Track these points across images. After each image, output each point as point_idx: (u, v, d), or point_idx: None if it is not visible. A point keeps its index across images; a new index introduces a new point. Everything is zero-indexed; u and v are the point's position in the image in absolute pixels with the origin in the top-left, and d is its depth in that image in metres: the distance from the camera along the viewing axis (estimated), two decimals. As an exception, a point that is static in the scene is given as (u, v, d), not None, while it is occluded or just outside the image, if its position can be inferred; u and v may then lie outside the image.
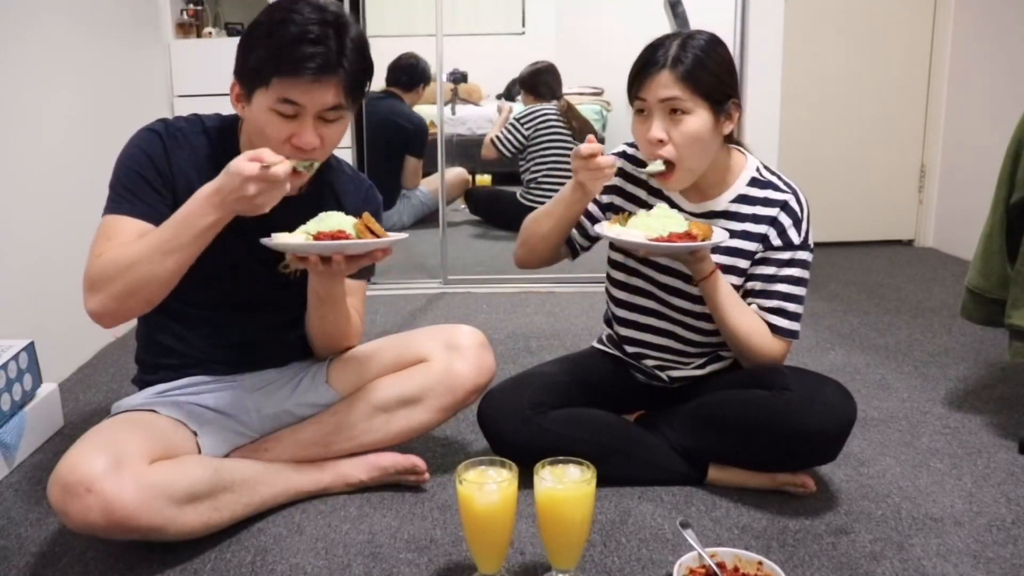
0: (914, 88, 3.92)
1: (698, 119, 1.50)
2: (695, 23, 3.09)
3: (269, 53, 1.37)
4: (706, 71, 1.49)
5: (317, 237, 1.36)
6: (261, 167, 1.28)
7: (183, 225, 1.35)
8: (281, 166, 1.29)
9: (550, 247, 1.72)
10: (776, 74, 3.03)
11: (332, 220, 1.40)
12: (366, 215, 1.43)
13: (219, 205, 1.32)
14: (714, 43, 1.53)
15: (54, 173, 2.32)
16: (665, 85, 1.49)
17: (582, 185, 1.57)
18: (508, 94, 4.90)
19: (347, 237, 1.37)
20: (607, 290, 1.78)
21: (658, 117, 1.52)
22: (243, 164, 1.28)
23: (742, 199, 1.62)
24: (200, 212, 1.33)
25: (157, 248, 1.35)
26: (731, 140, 1.63)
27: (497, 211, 4.29)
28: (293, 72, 1.35)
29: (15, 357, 1.87)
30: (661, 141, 1.52)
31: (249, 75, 1.40)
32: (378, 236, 1.40)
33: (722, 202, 1.62)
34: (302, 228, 1.39)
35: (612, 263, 1.74)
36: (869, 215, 4.05)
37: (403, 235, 1.44)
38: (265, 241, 1.38)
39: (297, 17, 1.37)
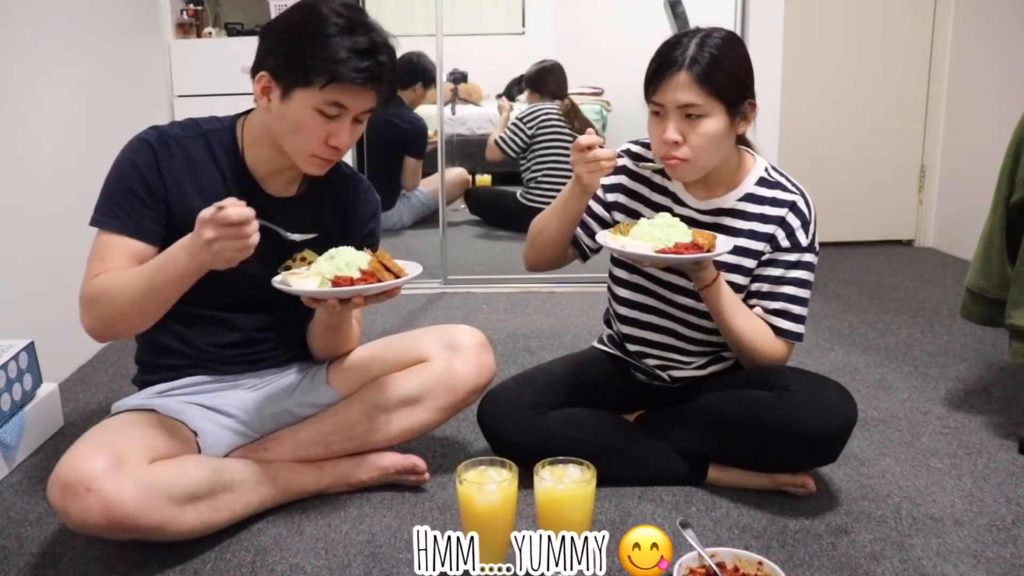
0: (914, 88, 3.91)
1: (714, 121, 1.50)
2: (695, 23, 3.09)
3: (325, 58, 1.39)
4: (723, 72, 1.48)
5: (336, 282, 1.37)
6: (216, 209, 1.27)
7: (159, 268, 1.38)
8: (235, 210, 1.27)
9: (556, 247, 1.71)
10: (776, 74, 3.03)
11: (344, 257, 1.40)
12: (381, 251, 1.46)
13: (189, 253, 1.33)
14: (732, 42, 1.52)
15: (54, 173, 2.32)
16: (682, 88, 1.48)
17: (580, 179, 1.56)
18: (508, 94, 4.89)
19: (367, 278, 1.38)
20: (609, 287, 1.78)
21: (674, 119, 1.50)
22: (203, 211, 1.28)
23: (750, 198, 1.62)
24: (175, 258, 1.36)
25: (138, 285, 1.39)
26: (741, 141, 1.63)
27: (497, 211, 4.29)
28: (349, 80, 1.40)
29: (15, 357, 1.87)
30: (676, 143, 1.51)
31: (294, 74, 1.42)
32: (393, 271, 1.42)
33: (730, 200, 1.62)
34: (315, 268, 1.40)
35: (615, 260, 1.74)
36: (869, 215, 4.05)
37: (418, 268, 1.47)
38: (281, 287, 1.40)
39: (341, 21, 1.41)
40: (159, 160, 1.48)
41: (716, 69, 1.48)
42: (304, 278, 1.40)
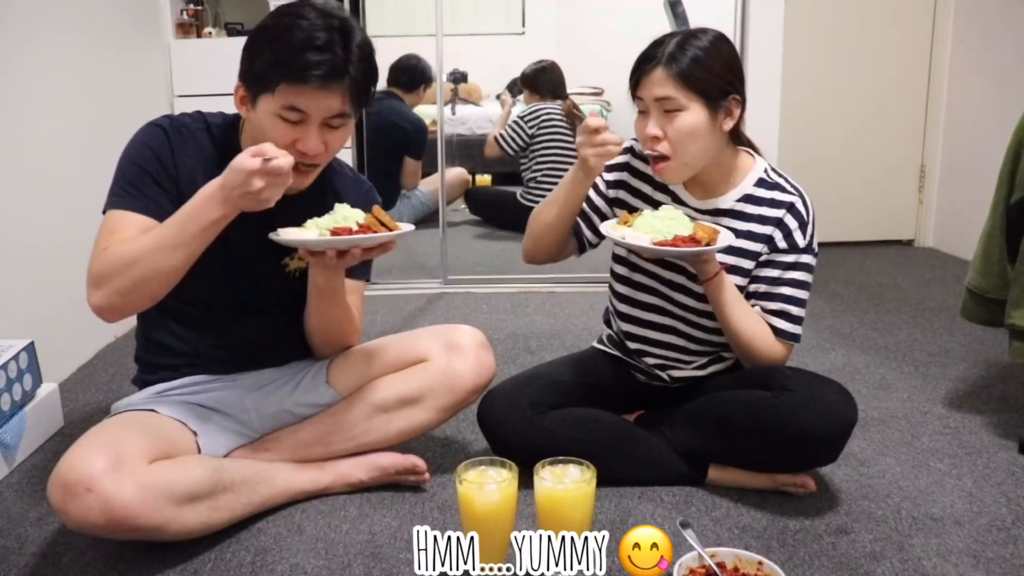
0: (914, 87, 3.91)
1: (692, 116, 1.51)
2: (695, 23, 3.08)
3: (275, 59, 1.37)
4: (701, 68, 1.50)
5: (335, 232, 1.37)
6: (263, 160, 1.28)
7: (188, 220, 1.35)
8: (283, 159, 1.30)
9: (556, 236, 1.69)
10: (776, 74, 3.03)
11: (342, 213, 1.42)
12: (376, 208, 1.45)
13: (224, 201, 1.33)
14: (716, 40, 1.54)
15: (55, 173, 2.32)
16: (659, 83, 1.50)
17: (585, 162, 1.55)
18: (510, 93, 4.89)
19: (364, 231, 1.39)
20: (610, 285, 1.78)
21: (654, 114, 1.53)
22: (246, 159, 1.29)
23: (748, 199, 1.62)
24: (205, 208, 1.34)
25: (162, 243, 1.36)
26: (741, 141, 1.64)
27: (497, 211, 4.29)
28: (299, 79, 1.36)
29: (15, 357, 1.87)
30: (656, 138, 1.53)
31: (254, 80, 1.40)
32: (389, 227, 1.42)
33: (728, 200, 1.63)
34: (312, 222, 1.41)
35: (616, 258, 1.74)
36: (869, 215, 4.05)
37: (411, 226, 1.47)
38: (279, 239, 1.39)
39: (303, 23, 1.38)
40: (172, 145, 1.48)
41: (693, 64, 1.49)
42: (304, 232, 1.40)
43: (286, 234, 1.39)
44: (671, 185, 1.66)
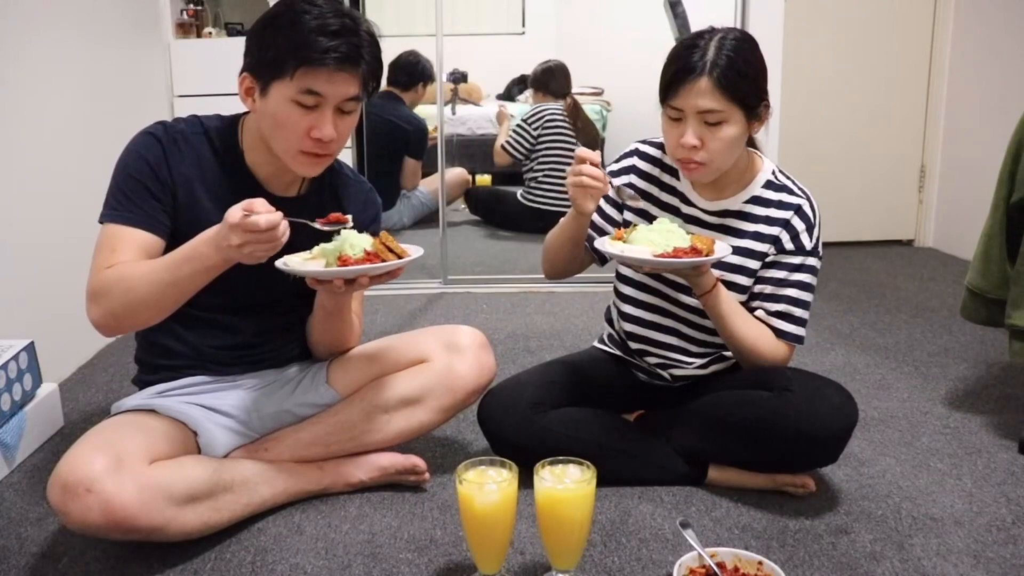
0: (914, 87, 3.91)
1: (733, 126, 1.49)
2: (695, 23, 3.09)
3: (291, 44, 1.38)
4: (742, 76, 1.47)
5: (341, 263, 1.36)
6: (243, 215, 1.27)
7: (185, 261, 1.36)
8: (264, 217, 1.27)
9: (566, 259, 1.71)
10: (776, 74, 3.02)
11: (349, 239, 1.40)
12: (384, 234, 1.46)
13: (216, 249, 1.33)
14: (748, 43, 1.52)
15: (55, 174, 2.32)
16: (703, 94, 1.47)
17: (572, 200, 1.55)
18: (508, 94, 4.89)
19: (372, 259, 1.38)
20: (615, 286, 1.78)
21: (693, 123, 1.50)
22: (231, 210, 1.28)
23: (756, 200, 1.62)
24: (202, 253, 1.35)
25: (159, 277, 1.37)
26: (749, 142, 1.63)
27: (497, 211, 4.29)
28: (318, 62, 1.38)
29: (15, 357, 1.87)
30: (695, 147, 1.50)
31: (268, 66, 1.41)
32: (397, 252, 1.42)
33: (736, 202, 1.63)
34: (318, 250, 1.40)
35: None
36: (869, 215, 4.05)
37: (420, 251, 1.46)
38: (287, 269, 1.38)
39: (314, 10, 1.40)
40: (167, 154, 1.47)
41: (735, 74, 1.47)
42: (308, 260, 1.39)
43: (293, 263, 1.39)
44: (680, 185, 1.66)
